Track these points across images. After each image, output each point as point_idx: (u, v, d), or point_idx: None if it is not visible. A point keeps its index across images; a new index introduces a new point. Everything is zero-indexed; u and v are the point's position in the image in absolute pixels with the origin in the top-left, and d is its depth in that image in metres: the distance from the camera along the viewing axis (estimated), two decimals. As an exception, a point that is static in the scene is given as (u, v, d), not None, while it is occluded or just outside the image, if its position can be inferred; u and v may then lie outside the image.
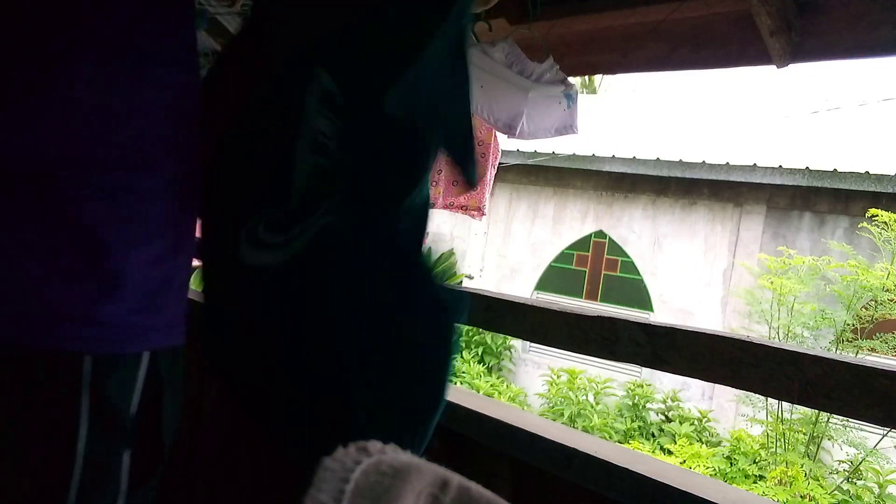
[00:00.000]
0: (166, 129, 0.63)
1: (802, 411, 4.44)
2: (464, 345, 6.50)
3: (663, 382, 5.92)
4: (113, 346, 0.55)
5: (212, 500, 1.52)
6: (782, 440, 4.50)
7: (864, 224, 4.71)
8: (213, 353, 0.73)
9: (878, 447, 4.24)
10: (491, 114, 1.59)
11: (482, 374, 6.08)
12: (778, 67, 1.46)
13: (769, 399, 4.53)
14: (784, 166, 5.61)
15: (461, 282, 7.05)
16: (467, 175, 0.70)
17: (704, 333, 0.78)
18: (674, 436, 5.21)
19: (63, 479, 0.53)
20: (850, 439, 4.26)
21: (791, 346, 0.75)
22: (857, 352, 4.43)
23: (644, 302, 6.40)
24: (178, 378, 0.64)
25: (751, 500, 0.82)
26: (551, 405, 5.73)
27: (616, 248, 6.62)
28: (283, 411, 0.68)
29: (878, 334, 4.41)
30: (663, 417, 5.63)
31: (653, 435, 5.40)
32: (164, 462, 0.62)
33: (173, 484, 0.88)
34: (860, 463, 4.24)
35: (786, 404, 4.40)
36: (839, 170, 5.40)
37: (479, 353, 6.46)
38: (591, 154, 6.46)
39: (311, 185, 0.63)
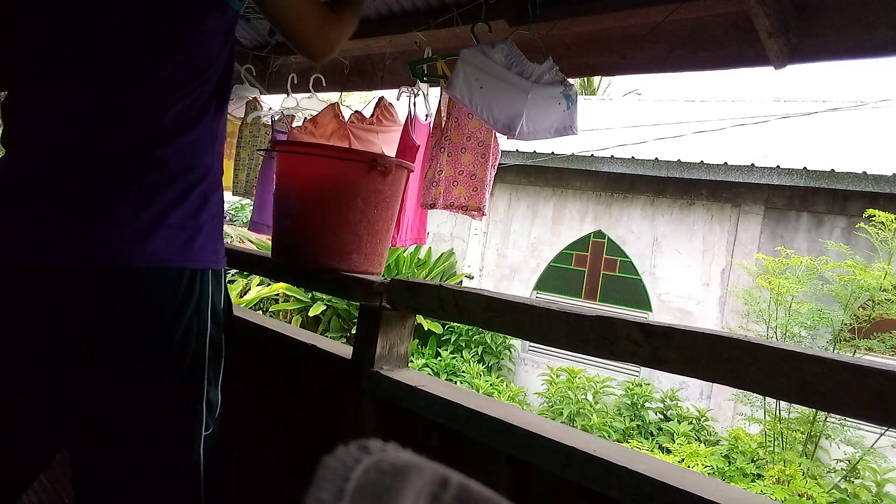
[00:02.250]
0: None
1: (800, 410, 4.44)
2: (464, 344, 6.50)
3: (662, 382, 5.93)
4: (220, 265, 0.89)
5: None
6: (780, 439, 4.51)
7: (862, 224, 4.73)
8: None
9: (875, 446, 4.25)
10: (490, 114, 1.59)
11: (482, 374, 6.08)
12: (776, 68, 1.46)
13: (767, 398, 4.54)
14: (782, 166, 5.62)
15: (461, 282, 7.05)
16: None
17: (703, 333, 0.78)
18: (672, 435, 5.22)
19: (202, 352, 0.86)
20: (847, 438, 4.27)
21: (789, 345, 0.75)
22: (855, 351, 4.44)
23: (643, 302, 6.41)
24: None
25: (749, 498, 0.82)
26: (550, 404, 5.73)
27: (615, 248, 6.62)
28: None
29: (875, 334, 4.42)
30: (662, 416, 5.64)
31: (651, 434, 5.40)
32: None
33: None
34: (858, 462, 4.25)
35: (783, 403, 4.41)
36: (836, 170, 5.41)
37: (479, 353, 6.46)
38: (589, 154, 6.46)
39: None
